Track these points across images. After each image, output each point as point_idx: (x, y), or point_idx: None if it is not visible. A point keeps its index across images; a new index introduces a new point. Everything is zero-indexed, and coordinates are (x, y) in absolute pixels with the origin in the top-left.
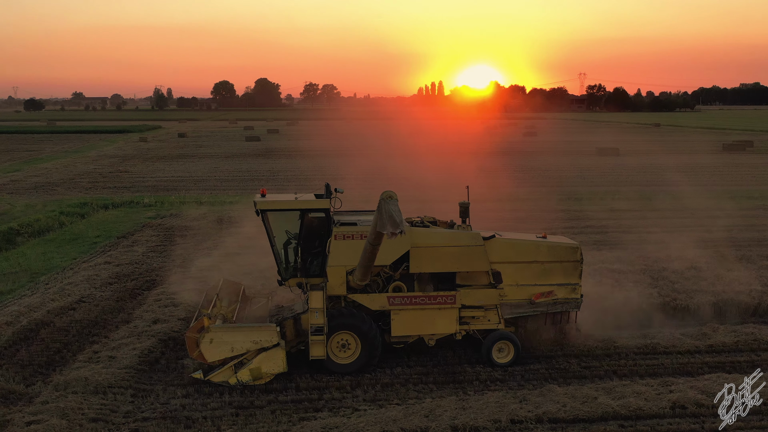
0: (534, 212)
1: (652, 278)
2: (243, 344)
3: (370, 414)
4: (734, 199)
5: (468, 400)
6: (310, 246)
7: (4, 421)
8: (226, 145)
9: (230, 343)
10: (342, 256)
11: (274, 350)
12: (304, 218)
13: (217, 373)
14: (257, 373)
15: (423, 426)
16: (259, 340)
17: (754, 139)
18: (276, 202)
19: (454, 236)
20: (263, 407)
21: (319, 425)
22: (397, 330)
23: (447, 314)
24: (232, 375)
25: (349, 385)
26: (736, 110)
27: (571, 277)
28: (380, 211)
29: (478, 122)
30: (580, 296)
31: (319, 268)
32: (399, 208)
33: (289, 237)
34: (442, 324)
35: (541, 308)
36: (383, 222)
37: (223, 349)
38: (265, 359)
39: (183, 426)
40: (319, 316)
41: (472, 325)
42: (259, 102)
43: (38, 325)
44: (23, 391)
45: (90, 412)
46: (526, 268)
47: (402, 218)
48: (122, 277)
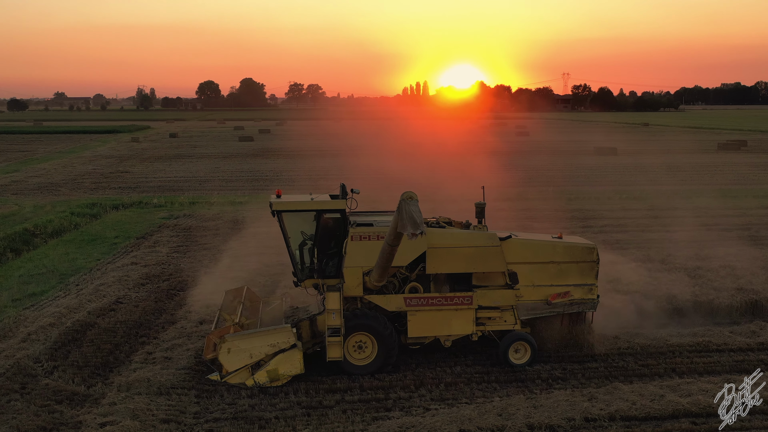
0: (547, 212)
1: (689, 276)
2: (261, 349)
3: (443, 413)
4: (738, 198)
5: (537, 398)
6: (326, 247)
7: (76, 422)
8: (220, 145)
9: (248, 350)
10: (359, 256)
11: (290, 352)
12: (320, 219)
13: (234, 374)
14: (274, 375)
15: (499, 425)
16: (276, 342)
17: (746, 138)
18: (292, 203)
19: (471, 237)
20: (333, 407)
21: (396, 425)
22: (414, 331)
23: (464, 315)
24: (249, 377)
25: (413, 384)
26: (719, 110)
27: (587, 277)
28: (400, 212)
29: (468, 122)
30: (596, 297)
31: (335, 269)
32: (419, 208)
33: (304, 238)
34: (459, 325)
35: (558, 309)
36: (404, 223)
37: (242, 357)
38: (282, 361)
39: (257, 426)
40: (336, 318)
41: (489, 326)
42: (245, 102)
43: (83, 326)
44: (85, 392)
45: (159, 413)
46: (542, 268)
47: (422, 219)
48: (153, 278)
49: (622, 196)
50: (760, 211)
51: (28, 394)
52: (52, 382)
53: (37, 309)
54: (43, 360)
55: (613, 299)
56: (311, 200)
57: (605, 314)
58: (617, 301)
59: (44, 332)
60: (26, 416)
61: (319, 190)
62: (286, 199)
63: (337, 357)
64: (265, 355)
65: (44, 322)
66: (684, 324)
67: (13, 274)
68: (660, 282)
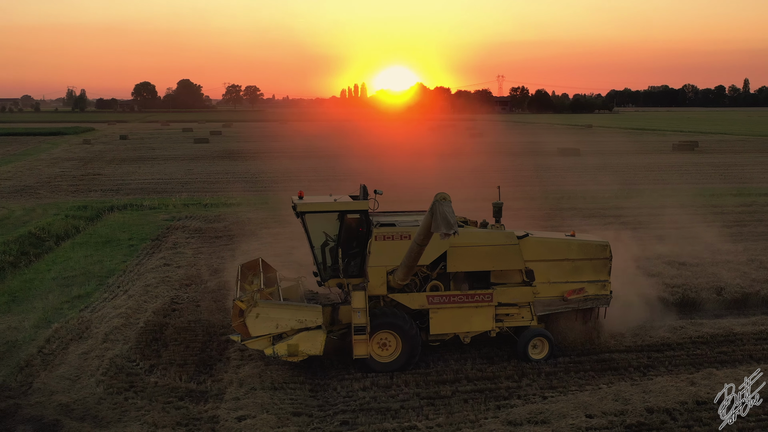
0: (549, 211)
1: (725, 270)
2: (288, 322)
3: (563, 400)
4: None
5: (642, 384)
6: (349, 247)
7: (209, 417)
8: (177, 147)
9: (276, 320)
10: (383, 256)
11: (315, 332)
12: (343, 219)
13: (255, 340)
14: (294, 350)
15: (619, 409)
16: (304, 319)
17: (697, 139)
18: (316, 204)
19: (490, 236)
20: (450, 397)
21: (525, 411)
22: (436, 328)
23: (484, 312)
24: (268, 346)
25: (514, 374)
26: (650, 112)
27: (600, 274)
28: (434, 213)
29: (418, 123)
30: (609, 292)
31: (358, 269)
32: (452, 209)
33: (327, 238)
34: (479, 321)
35: (573, 305)
36: (437, 223)
37: (268, 325)
38: (305, 338)
39: (389, 416)
40: (362, 316)
41: (507, 323)
42: (182, 103)
43: (157, 326)
44: (200, 388)
45: (287, 407)
46: (557, 265)
47: (455, 219)
48: (195, 278)
49: (619, 194)
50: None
51: (142, 392)
52: (160, 380)
53: (95, 310)
54: (137, 359)
55: (666, 292)
56: (334, 201)
57: (665, 305)
58: (670, 293)
59: (120, 332)
60: (156, 413)
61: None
62: (310, 200)
63: (362, 355)
64: (291, 328)
65: (115, 322)
66: (740, 314)
67: (43, 276)
68: (697, 275)
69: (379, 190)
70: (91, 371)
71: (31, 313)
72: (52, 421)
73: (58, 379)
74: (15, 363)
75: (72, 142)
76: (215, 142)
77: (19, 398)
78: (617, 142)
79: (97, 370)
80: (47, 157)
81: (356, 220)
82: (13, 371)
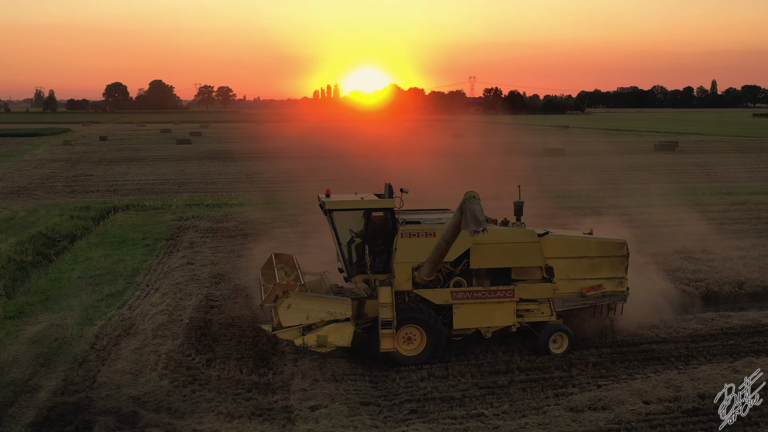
0: (552, 210)
1: (740, 265)
2: (318, 314)
3: (616, 387)
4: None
5: (688, 373)
6: (375, 244)
7: (282, 407)
8: (160, 148)
9: (306, 311)
10: (408, 253)
11: (344, 324)
12: (370, 217)
13: (286, 330)
14: (323, 341)
15: (673, 395)
16: (333, 311)
17: (675, 139)
18: (344, 202)
19: (511, 233)
20: (507, 386)
21: (585, 398)
22: (459, 323)
23: (505, 307)
24: (298, 336)
25: (564, 365)
26: (621, 113)
27: (618, 270)
28: (463, 211)
29: (398, 124)
30: (626, 289)
31: (383, 265)
32: (481, 207)
33: (352, 235)
34: (501, 317)
35: (591, 301)
36: (467, 220)
37: (299, 316)
38: (334, 330)
39: (456, 405)
40: (388, 311)
41: (527, 318)
42: (154, 104)
43: (201, 322)
44: (264, 381)
45: (353, 397)
46: (576, 263)
47: (484, 217)
48: (221, 276)
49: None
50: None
51: (206, 384)
52: (221, 373)
53: (132, 308)
54: (192, 354)
55: (690, 285)
56: (361, 199)
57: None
58: (694, 287)
59: (167, 329)
60: (228, 404)
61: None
62: (337, 199)
63: (389, 348)
64: (320, 320)
65: (160, 319)
66: (763, 306)
67: (69, 276)
68: (722, 269)
69: (405, 189)
70: (150, 366)
71: (69, 311)
72: (129, 412)
73: (120, 374)
74: (71, 359)
75: (52, 143)
76: (198, 143)
77: (87, 392)
78: (598, 143)
79: (156, 365)
80: (32, 158)
81: (382, 218)
82: (72, 366)
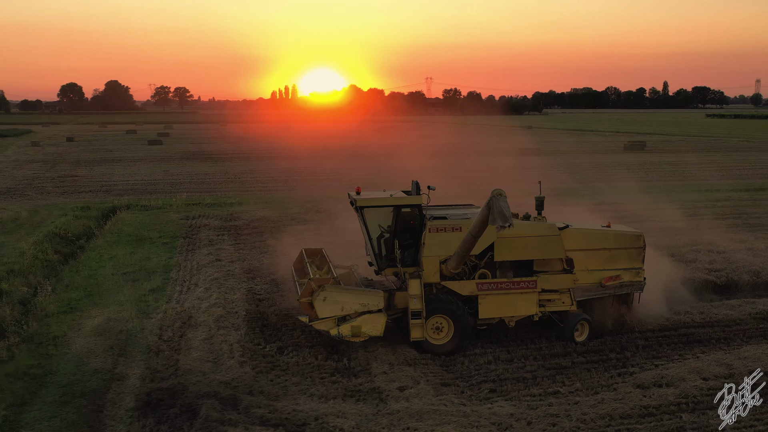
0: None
1: (750, 255)
2: (352, 305)
3: (673, 366)
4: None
5: (734, 353)
6: (404, 238)
7: (371, 389)
8: (133, 149)
9: (341, 303)
10: (436, 247)
11: (377, 315)
12: (399, 213)
13: (322, 321)
14: (357, 331)
15: (726, 372)
16: (366, 303)
17: (641, 139)
18: (374, 199)
19: (533, 227)
20: (571, 367)
21: (650, 375)
22: (484, 312)
23: (528, 298)
24: (334, 327)
25: (617, 347)
26: (577, 113)
27: (635, 262)
28: (491, 207)
29: (362, 125)
30: (643, 279)
31: (412, 258)
32: (508, 203)
33: (382, 230)
34: (524, 306)
35: (610, 291)
36: (494, 216)
37: (334, 308)
38: (367, 321)
39: (532, 384)
40: (418, 302)
41: (549, 308)
42: (111, 105)
43: (257, 314)
44: (341, 366)
45: (432, 378)
46: (595, 254)
47: (510, 213)
48: (254, 271)
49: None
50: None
51: (287, 370)
52: (298, 360)
53: (181, 303)
54: (262, 343)
55: (711, 275)
56: (390, 196)
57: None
58: (715, 276)
59: (226, 320)
60: (319, 387)
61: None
62: (368, 196)
63: (419, 337)
64: (354, 311)
65: (217, 312)
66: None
67: (101, 273)
68: (735, 260)
69: (432, 186)
70: (226, 354)
71: (119, 306)
72: (228, 395)
73: (200, 362)
74: (144, 349)
75: (19, 144)
76: (169, 144)
77: (174, 379)
78: (566, 143)
79: (232, 353)
80: (5, 160)
81: (411, 214)
82: (149, 356)
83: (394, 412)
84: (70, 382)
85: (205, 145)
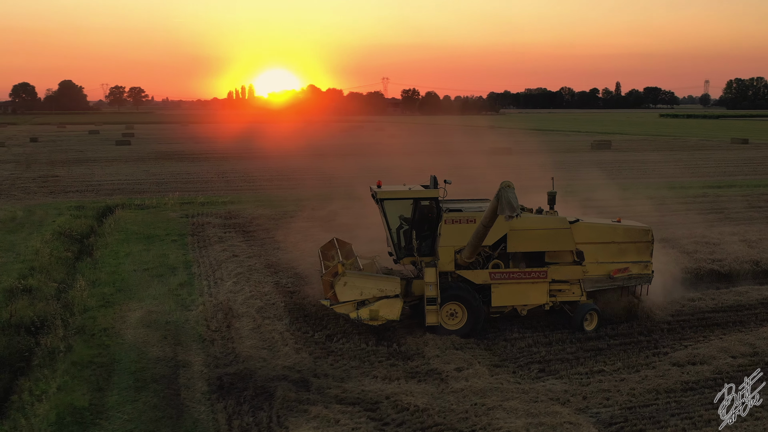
0: None
1: (745, 246)
2: (371, 290)
3: (702, 347)
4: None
5: (754, 333)
6: (422, 229)
7: (428, 370)
8: (103, 149)
9: (360, 287)
10: (451, 237)
11: (394, 300)
12: (417, 205)
13: (341, 305)
14: (375, 315)
15: (751, 351)
16: (384, 288)
17: (605, 139)
18: (394, 192)
19: (545, 220)
20: (607, 349)
21: (684, 354)
22: (497, 301)
23: (539, 288)
24: (353, 310)
25: (644, 331)
26: (533, 113)
27: (643, 255)
28: (499, 198)
29: (327, 125)
30: (651, 272)
31: (429, 249)
32: (516, 195)
33: (401, 222)
34: (535, 296)
35: (618, 282)
36: (502, 206)
37: (353, 292)
38: (385, 305)
39: (576, 364)
40: (433, 289)
41: (559, 298)
42: (64, 105)
43: (295, 305)
44: (393, 350)
45: (483, 360)
46: (605, 247)
47: (518, 204)
48: (275, 266)
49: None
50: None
51: (342, 356)
52: (351, 345)
53: (214, 296)
54: (310, 331)
55: (714, 264)
56: (409, 189)
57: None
58: (719, 266)
59: (268, 311)
60: (380, 369)
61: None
62: (388, 189)
63: (434, 322)
64: (372, 296)
65: (257, 303)
66: None
67: (123, 269)
68: (732, 251)
69: (449, 180)
70: (280, 341)
71: (154, 300)
72: (298, 378)
73: (257, 349)
74: (197, 338)
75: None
76: (137, 144)
77: (237, 365)
78: (534, 142)
79: (285, 341)
80: None
81: (428, 206)
82: (204, 345)
83: (458, 390)
84: (138, 370)
85: (175, 145)
